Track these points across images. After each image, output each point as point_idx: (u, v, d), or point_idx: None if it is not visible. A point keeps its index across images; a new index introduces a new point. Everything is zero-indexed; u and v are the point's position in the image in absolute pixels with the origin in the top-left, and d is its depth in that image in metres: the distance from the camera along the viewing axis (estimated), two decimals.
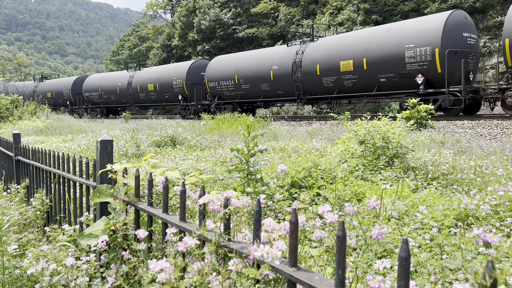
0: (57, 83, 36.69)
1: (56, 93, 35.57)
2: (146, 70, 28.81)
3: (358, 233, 2.22)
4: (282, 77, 19.00)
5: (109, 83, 30.93)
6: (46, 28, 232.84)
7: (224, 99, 22.34)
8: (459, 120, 12.70)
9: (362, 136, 5.35)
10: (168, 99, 26.00)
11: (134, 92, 28.36)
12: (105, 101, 31.50)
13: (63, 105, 35.06)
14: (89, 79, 33.32)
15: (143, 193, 1.90)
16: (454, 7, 24.08)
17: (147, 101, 27.76)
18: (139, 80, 28.05)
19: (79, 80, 34.60)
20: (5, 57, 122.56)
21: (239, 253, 1.17)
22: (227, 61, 22.29)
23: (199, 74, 24.92)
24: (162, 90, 26.03)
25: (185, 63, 26.27)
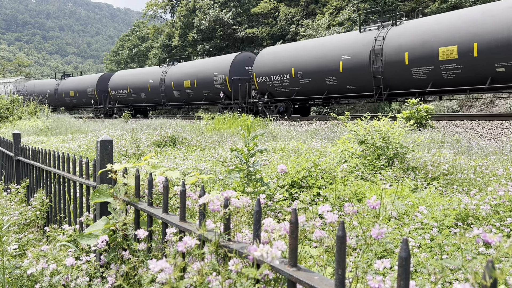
0: (80, 80, 34.18)
1: (80, 91, 33.08)
2: (182, 65, 25.91)
3: (358, 233, 2.22)
4: (354, 69, 15.96)
5: (139, 80, 28.09)
6: (46, 28, 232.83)
7: (276, 96, 19.52)
8: (459, 120, 12.70)
9: (362, 136, 5.35)
10: (207, 97, 23.51)
11: (168, 89, 25.66)
12: (134, 100, 28.69)
13: (86, 104, 33.05)
14: (116, 76, 30.47)
15: (143, 193, 1.90)
16: (454, 7, 24.08)
17: (182, 99, 25.00)
18: (174, 76, 25.25)
19: (105, 77, 31.96)
20: (5, 57, 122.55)
21: (239, 253, 1.17)
22: (281, 52, 19.42)
23: (243, 69, 22.43)
24: (200, 87, 23.48)
25: (228, 56, 23.50)
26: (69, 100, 34.92)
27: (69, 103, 35.27)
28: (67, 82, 35.49)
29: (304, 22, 33.32)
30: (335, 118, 13.41)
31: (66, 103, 35.37)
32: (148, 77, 27.42)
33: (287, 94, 19.11)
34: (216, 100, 23.07)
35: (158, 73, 26.71)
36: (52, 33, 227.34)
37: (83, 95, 32.90)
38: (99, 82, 31.56)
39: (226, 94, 22.38)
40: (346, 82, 16.53)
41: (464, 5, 24.46)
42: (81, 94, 33.07)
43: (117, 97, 29.84)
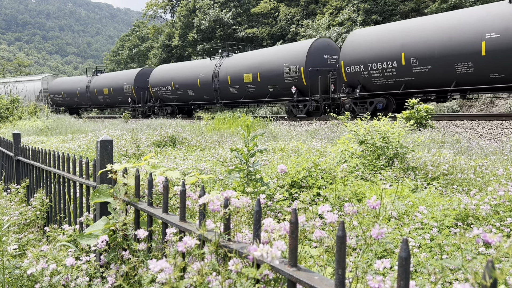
0: (115, 77, 30.56)
1: (115, 88, 29.56)
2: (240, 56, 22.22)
3: (358, 233, 2.22)
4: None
5: (186, 74, 24.59)
6: (46, 28, 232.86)
7: (372, 89, 15.90)
8: (459, 120, 12.70)
9: (362, 136, 5.35)
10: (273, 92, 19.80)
11: (223, 85, 22.05)
12: (179, 98, 25.40)
13: (123, 103, 29.73)
14: (158, 71, 26.94)
15: (143, 193, 1.90)
16: (454, 7, 24.09)
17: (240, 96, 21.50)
18: (230, 69, 21.68)
19: (144, 73, 28.68)
20: (5, 57, 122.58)
21: (239, 253, 1.17)
22: (385, 33, 15.51)
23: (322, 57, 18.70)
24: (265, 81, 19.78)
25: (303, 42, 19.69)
26: (102, 99, 31.36)
27: (102, 102, 31.84)
28: (100, 79, 31.88)
29: (304, 22, 33.33)
30: (335, 118, 13.44)
31: (99, 101, 31.97)
32: (197, 71, 23.85)
33: (390, 86, 15.25)
34: (285, 96, 19.36)
35: (210, 66, 23.08)
36: (52, 33, 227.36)
37: (118, 93, 29.45)
38: (138, 78, 28.29)
39: (299, 88, 18.44)
40: (489, 70, 12.65)
41: (464, 5, 24.46)
42: (116, 92, 29.62)
43: (159, 95, 26.42)
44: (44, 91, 37.04)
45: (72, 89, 34.37)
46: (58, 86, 36.14)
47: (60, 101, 35.81)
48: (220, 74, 22.30)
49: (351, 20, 30.22)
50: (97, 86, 31.73)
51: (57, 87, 36.16)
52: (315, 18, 33.32)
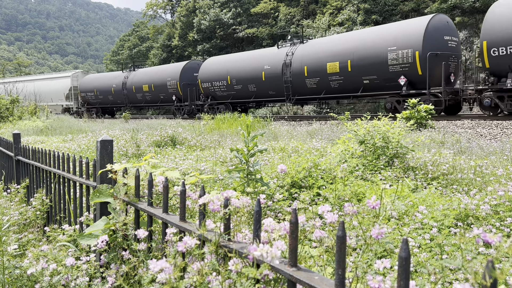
0: (158, 71, 26.73)
1: (157, 85, 26.00)
2: (319, 42, 18.52)
3: (358, 233, 2.22)
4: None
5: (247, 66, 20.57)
6: (46, 28, 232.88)
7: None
8: (459, 120, 12.70)
9: (362, 136, 5.35)
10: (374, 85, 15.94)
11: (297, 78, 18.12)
12: (236, 95, 21.38)
13: (165, 101, 26.02)
14: (210, 64, 23.05)
15: (143, 193, 1.90)
16: (454, 7, 24.09)
17: (320, 90, 17.64)
18: (307, 57, 17.86)
19: (191, 66, 25.18)
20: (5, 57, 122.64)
21: (239, 253, 1.17)
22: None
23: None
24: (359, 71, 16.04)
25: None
26: (142, 97, 27.60)
27: (141, 100, 27.99)
28: (139, 74, 28.07)
29: (304, 22, 33.33)
30: (335, 118, 13.45)
31: (137, 100, 28.20)
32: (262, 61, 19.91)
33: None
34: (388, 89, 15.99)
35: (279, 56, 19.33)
36: (52, 33, 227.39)
37: (161, 90, 25.82)
38: (184, 73, 24.71)
39: (411, 79, 15.18)
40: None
41: (464, 5, 24.47)
42: (158, 89, 25.99)
43: (210, 91, 22.63)
44: (74, 89, 33.94)
45: (106, 86, 30.61)
46: (90, 83, 32.48)
47: (92, 100, 32.45)
48: (293, 64, 18.32)
49: (351, 20, 30.23)
50: (136, 82, 27.70)
51: (88, 84, 32.52)
52: (315, 18, 33.33)
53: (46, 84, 36.05)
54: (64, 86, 34.86)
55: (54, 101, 35.13)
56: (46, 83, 36.17)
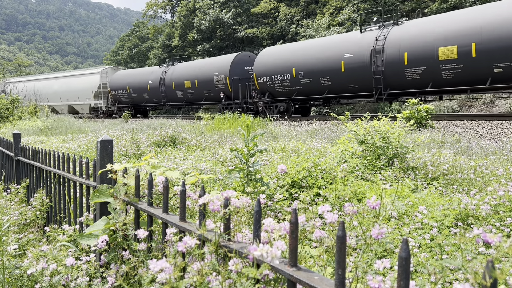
0: (202, 65, 23.51)
1: (202, 80, 22.84)
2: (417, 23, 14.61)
3: (358, 233, 2.22)
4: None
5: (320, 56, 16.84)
6: (46, 28, 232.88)
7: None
8: (459, 120, 12.71)
9: (362, 136, 5.35)
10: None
11: (393, 67, 14.53)
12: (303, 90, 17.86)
13: (211, 99, 22.98)
14: (267, 54, 19.67)
15: (143, 193, 1.90)
16: (454, 7, 24.09)
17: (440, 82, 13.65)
18: (405, 43, 14.33)
19: (242, 59, 21.93)
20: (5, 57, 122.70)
21: (239, 253, 1.17)
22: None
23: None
24: None
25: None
26: (182, 94, 24.46)
27: (182, 98, 24.75)
28: (180, 69, 24.88)
29: (304, 22, 33.33)
30: (335, 118, 13.47)
31: (177, 98, 24.99)
32: (341, 48, 16.33)
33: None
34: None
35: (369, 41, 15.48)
36: (52, 33, 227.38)
37: (206, 86, 22.76)
38: (234, 66, 21.59)
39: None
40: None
41: (464, 5, 24.47)
42: (203, 85, 22.90)
43: (268, 87, 19.21)
44: (103, 86, 30.73)
45: (141, 82, 27.08)
46: (122, 79, 28.88)
47: (124, 98, 28.84)
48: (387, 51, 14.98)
49: (351, 20, 30.23)
50: (176, 78, 24.59)
51: (120, 81, 28.96)
52: (315, 18, 33.33)
53: (72, 82, 33.18)
54: (92, 84, 31.32)
55: (81, 100, 32.36)
56: (72, 81, 33.34)
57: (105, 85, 30.85)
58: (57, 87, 34.60)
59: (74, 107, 33.56)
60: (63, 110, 34.15)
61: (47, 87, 35.21)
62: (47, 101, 33.59)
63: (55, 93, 34.53)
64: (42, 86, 35.55)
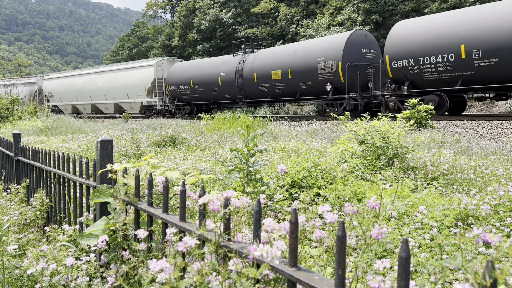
0: (297, 50, 18.09)
1: (297, 70, 17.71)
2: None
3: (358, 233, 2.22)
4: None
5: None
6: (46, 28, 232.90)
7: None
8: (459, 120, 12.71)
9: (362, 136, 5.35)
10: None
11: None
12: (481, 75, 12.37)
13: (309, 93, 17.70)
14: (404, 29, 14.46)
15: (143, 193, 1.90)
16: (454, 7, 24.09)
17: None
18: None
19: (358, 39, 16.58)
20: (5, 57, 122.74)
21: (239, 253, 1.17)
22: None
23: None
24: None
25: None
26: (268, 88, 19.35)
27: (266, 93, 19.58)
28: (263, 56, 19.77)
29: (304, 22, 33.33)
30: (335, 118, 13.46)
31: (259, 93, 19.87)
32: None
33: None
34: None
35: None
36: (52, 33, 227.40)
37: (304, 76, 17.52)
38: (349, 49, 16.23)
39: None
40: None
41: (464, 5, 24.47)
42: (299, 75, 17.69)
43: (409, 74, 14.06)
44: (159, 81, 25.65)
45: (210, 75, 22.05)
46: (183, 72, 23.88)
47: (185, 95, 23.97)
48: None
49: (351, 20, 30.23)
50: (259, 67, 19.55)
51: (181, 74, 23.98)
52: (315, 18, 33.33)
53: (121, 77, 27.91)
54: (145, 78, 25.98)
55: (131, 97, 27.12)
56: (120, 76, 28.04)
57: (161, 79, 25.71)
58: (102, 83, 29.60)
59: (121, 105, 28.52)
60: (108, 109, 29.93)
61: (90, 83, 30.74)
62: (90, 99, 30.73)
63: (99, 90, 29.70)
64: (83, 82, 31.35)
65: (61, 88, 33.53)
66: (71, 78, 33.02)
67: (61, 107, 34.17)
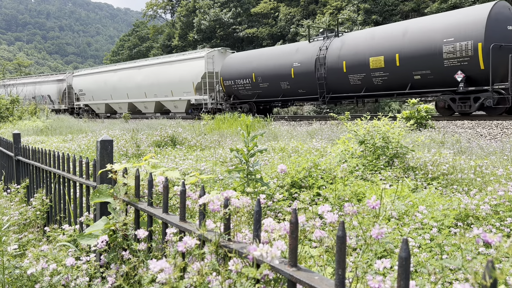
0: (408, 30, 14.29)
1: (409, 55, 13.93)
2: None
3: (358, 233, 2.22)
4: None
5: None
6: (46, 28, 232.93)
7: None
8: (459, 120, 12.71)
9: (362, 136, 5.35)
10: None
11: None
12: None
13: (427, 84, 13.86)
14: None
15: (143, 193, 1.90)
16: (454, 7, 24.09)
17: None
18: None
19: (503, 13, 12.77)
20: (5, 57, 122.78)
21: (239, 253, 1.17)
22: None
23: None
24: None
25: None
26: (361, 80, 15.55)
27: (360, 87, 15.77)
28: (353, 40, 16.14)
29: (304, 22, 33.34)
30: (335, 118, 13.46)
31: (349, 86, 16.04)
32: None
33: None
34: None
35: None
36: (52, 33, 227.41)
37: (420, 63, 13.68)
38: (492, 26, 12.43)
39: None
40: None
41: (464, 5, 24.47)
42: (412, 62, 13.86)
43: None
44: (210, 75, 21.85)
45: (279, 66, 18.03)
46: (242, 64, 19.90)
47: (243, 91, 19.88)
48: None
49: (351, 20, 30.23)
50: (349, 54, 15.86)
51: (238, 66, 20.04)
52: (315, 18, 33.33)
53: (164, 71, 24.31)
54: (194, 72, 22.26)
55: (176, 95, 23.63)
56: (163, 70, 24.41)
57: (212, 73, 21.99)
58: (141, 78, 25.82)
59: (164, 104, 25.23)
60: (148, 108, 26.33)
61: (127, 79, 27.01)
62: (127, 97, 27.10)
63: (138, 86, 26.01)
64: (119, 78, 27.64)
65: (94, 86, 29.77)
66: (104, 74, 29.28)
67: (93, 106, 30.90)
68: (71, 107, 32.87)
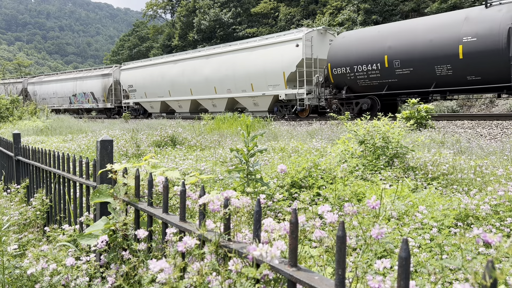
0: None
1: None
2: None
3: (358, 233, 2.22)
4: None
5: None
6: (46, 28, 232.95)
7: None
8: (459, 120, 12.71)
9: (362, 136, 5.35)
10: None
11: None
12: None
13: None
14: None
15: (143, 193, 1.90)
16: (454, 7, 24.10)
17: None
18: None
19: None
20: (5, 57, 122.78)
21: (238, 253, 1.17)
22: None
23: None
24: None
25: None
26: None
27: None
28: None
29: (304, 22, 33.33)
30: (335, 118, 13.45)
31: None
32: None
33: None
34: None
35: None
36: (52, 33, 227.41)
37: None
38: None
39: None
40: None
41: (464, 5, 24.48)
42: None
43: None
44: (307, 63, 16.86)
45: (429, 45, 12.84)
46: (364, 44, 14.76)
47: (366, 81, 14.72)
48: None
49: (351, 20, 30.23)
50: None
51: (358, 47, 14.93)
52: (315, 18, 33.33)
53: (241, 61, 19.38)
54: (285, 60, 17.30)
55: (258, 90, 18.78)
56: (240, 59, 19.46)
57: (310, 61, 16.93)
58: (210, 71, 20.86)
59: (239, 101, 20.29)
60: (217, 107, 21.27)
61: (189, 71, 22.08)
62: (190, 93, 22.29)
63: (206, 80, 21.09)
64: (178, 71, 22.78)
65: (147, 80, 24.82)
66: (161, 66, 24.27)
67: (145, 105, 25.88)
68: (118, 105, 28.14)
